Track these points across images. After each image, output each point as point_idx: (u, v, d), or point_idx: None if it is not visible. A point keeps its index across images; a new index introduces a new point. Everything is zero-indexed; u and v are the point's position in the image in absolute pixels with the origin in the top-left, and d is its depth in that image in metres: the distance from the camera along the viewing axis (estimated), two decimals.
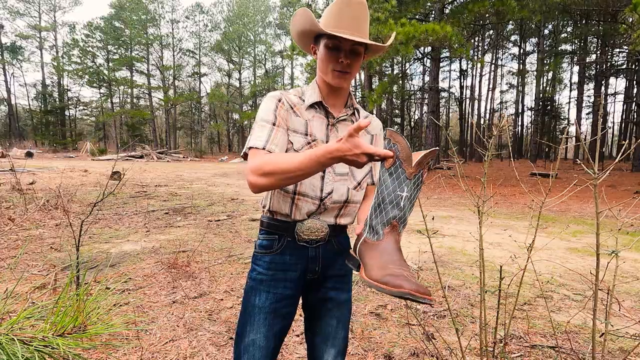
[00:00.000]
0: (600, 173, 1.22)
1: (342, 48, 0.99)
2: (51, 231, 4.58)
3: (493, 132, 1.50)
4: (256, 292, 1.07)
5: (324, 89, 1.08)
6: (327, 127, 1.07)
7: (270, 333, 1.06)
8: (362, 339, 2.22)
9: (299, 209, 1.04)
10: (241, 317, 1.09)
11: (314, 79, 1.13)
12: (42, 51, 39.95)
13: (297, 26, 1.04)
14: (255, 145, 0.96)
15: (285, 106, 1.04)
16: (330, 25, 0.98)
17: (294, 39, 1.12)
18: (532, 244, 1.40)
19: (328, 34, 0.98)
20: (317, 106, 1.07)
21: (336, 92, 1.08)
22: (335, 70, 1.01)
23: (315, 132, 1.05)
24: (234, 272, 3.33)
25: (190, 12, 44.14)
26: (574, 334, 2.34)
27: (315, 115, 1.07)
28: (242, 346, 1.06)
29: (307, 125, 1.05)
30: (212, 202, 7.47)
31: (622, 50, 23.23)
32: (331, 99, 1.09)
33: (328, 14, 1.00)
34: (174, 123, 43.48)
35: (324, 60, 1.02)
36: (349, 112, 1.10)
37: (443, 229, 5.55)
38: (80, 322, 0.58)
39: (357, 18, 0.98)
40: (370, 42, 1.00)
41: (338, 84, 1.02)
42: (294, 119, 1.04)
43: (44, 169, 13.45)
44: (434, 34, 11.13)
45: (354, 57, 1.01)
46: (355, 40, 0.97)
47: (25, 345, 0.52)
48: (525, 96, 36.37)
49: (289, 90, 1.12)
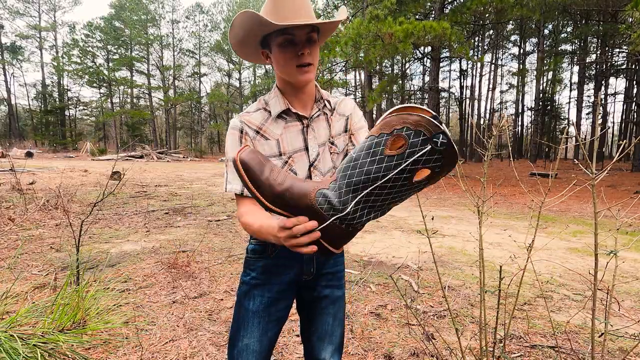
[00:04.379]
0: (598, 173, 1.22)
1: (297, 41, 0.91)
2: (51, 231, 4.58)
3: (493, 132, 1.50)
4: (250, 297, 1.07)
5: (288, 92, 1.02)
6: (303, 130, 1.03)
7: (265, 337, 1.06)
8: (362, 339, 2.22)
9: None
10: (234, 322, 1.09)
11: (274, 84, 1.05)
12: (42, 51, 39.97)
13: (240, 33, 0.94)
14: (232, 190, 1.00)
15: (249, 136, 0.99)
16: (276, 20, 0.88)
17: (236, 51, 1.02)
18: (532, 244, 1.40)
19: (278, 29, 0.89)
20: (286, 114, 1.02)
21: (302, 90, 1.01)
22: (298, 66, 0.93)
23: (288, 147, 1.01)
24: (234, 272, 3.34)
25: (190, 12, 44.17)
26: (574, 334, 2.34)
27: (287, 125, 1.02)
28: (235, 351, 1.06)
29: (280, 144, 1.00)
30: (212, 202, 7.47)
31: (622, 50, 23.22)
32: (298, 99, 1.02)
33: (266, 11, 0.91)
34: (174, 123, 43.49)
35: (282, 60, 0.93)
36: (321, 106, 1.06)
37: (443, 229, 5.55)
38: (79, 319, 0.59)
39: (299, 3, 0.89)
40: (324, 22, 0.92)
41: (306, 79, 0.95)
42: (263, 144, 1.00)
43: (44, 169, 13.45)
44: (432, 31, 11.12)
45: (312, 45, 0.93)
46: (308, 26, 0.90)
47: (24, 342, 0.52)
48: (525, 96, 36.41)
49: (250, 107, 1.04)
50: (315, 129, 1.04)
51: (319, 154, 1.04)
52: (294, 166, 1.02)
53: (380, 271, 3.48)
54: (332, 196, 0.70)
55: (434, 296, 2.90)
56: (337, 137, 1.08)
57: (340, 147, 1.08)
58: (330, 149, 1.06)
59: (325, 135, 1.06)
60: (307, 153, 1.03)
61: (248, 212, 0.95)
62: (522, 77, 30.45)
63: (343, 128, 1.09)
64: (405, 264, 3.70)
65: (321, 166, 1.04)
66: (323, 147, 1.05)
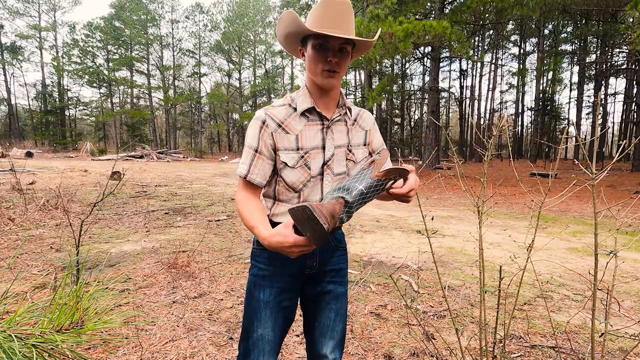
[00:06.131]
0: (598, 173, 1.22)
1: (329, 47, 1.00)
2: (51, 231, 4.58)
3: (493, 132, 1.50)
4: (260, 288, 1.11)
5: (314, 92, 1.09)
6: (323, 130, 1.09)
7: (277, 326, 1.11)
8: (362, 339, 2.22)
9: None
10: (246, 314, 1.13)
11: (304, 83, 1.14)
12: (42, 51, 39.91)
13: (283, 29, 1.05)
14: (239, 173, 1.07)
15: (270, 128, 1.05)
16: (316, 25, 0.99)
17: (281, 43, 1.12)
18: (532, 244, 1.40)
19: (315, 34, 0.99)
20: (309, 112, 1.09)
21: (327, 93, 1.09)
22: (325, 70, 1.02)
23: (307, 144, 1.07)
24: (234, 272, 3.33)
25: (190, 12, 44.10)
26: (574, 334, 2.34)
27: (308, 123, 1.08)
28: (250, 342, 1.10)
29: (299, 140, 1.06)
30: (212, 202, 7.47)
31: (622, 50, 23.22)
32: (323, 101, 1.10)
33: (312, 16, 1.01)
34: (174, 123, 43.48)
35: (313, 61, 1.02)
36: (342, 112, 1.13)
37: (443, 229, 5.55)
38: (78, 318, 0.58)
39: (342, 17, 1.00)
40: (357, 38, 1.02)
41: (329, 83, 1.03)
42: (283, 137, 1.05)
43: (44, 169, 13.45)
44: (432, 30, 11.13)
45: (342, 56, 1.03)
46: (342, 38, 0.99)
47: (23, 342, 0.52)
48: (525, 96, 36.36)
49: (275, 102, 1.12)
50: (334, 131, 1.11)
51: (334, 154, 1.11)
52: (310, 162, 1.08)
53: (380, 271, 3.48)
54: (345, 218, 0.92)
55: (434, 296, 2.90)
56: (356, 148, 1.17)
57: (359, 158, 1.17)
58: (348, 156, 1.14)
59: (342, 140, 1.13)
60: (323, 152, 1.09)
61: (244, 201, 1.06)
62: (522, 77, 30.46)
63: (362, 141, 1.19)
64: (405, 264, 3.70)
65: (334, 166, 1.11)
66: (339, 150, 1.12)
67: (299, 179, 1.07)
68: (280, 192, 1.10)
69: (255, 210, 1.03)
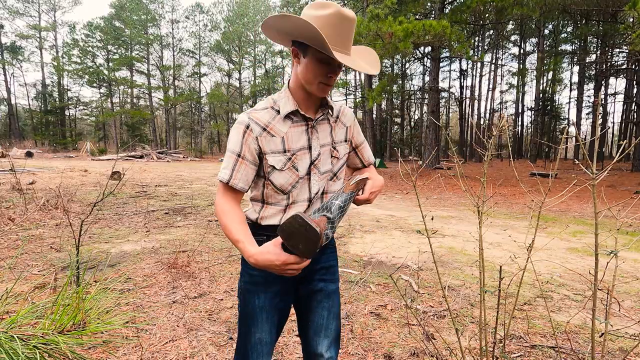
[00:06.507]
0: (599, 173, 1.22)
1: (333, 64, 1.00)
2: (51, 231, 4.58)
3: (493, 132, 1.50)
4: (254, 294, 1.12)
5: (299, 95, 1.08)
6: (307, 130, 1.10)
7: (273, 328, 1.13)
8: (362, 339, 2.22)
9: (288, 214, 1.10)
10: (243, 319, 1.14)
11: (285, 85, 1.12)
12: (42, 51, 39.91)
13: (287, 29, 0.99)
14: (221, 178, 1.06)
15: (255, 132, 1.04)
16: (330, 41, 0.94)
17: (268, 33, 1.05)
18: (532, 244, 1.40)
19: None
20: (294, 114, 1.08)
21: (312, 96, 1.09)
22: (321, 83, 1.02)
23: (293, 145, 1.07)
24: (234, 272, 3.34)
25: (190, 12, 44.08)
26: (574, 334, 2.34)
27: (293, 124, 1.08)
28: (249, 346, 1.11)
29: (285, 142, 1.07)
30: (212, 202, 7.47)
31: (622, 50, 23.21)
32: (306, 103, 1.09)
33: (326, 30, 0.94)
34: (174, 123, 43.48)
35: (312, 72, 1.00)
36: (325, 111, 1.13)
37: (443, 229, 5.55)
38: (80, 320, 0.59)
39: (350, 35, 1.00)
40: (376, 73, 1.08)
41: (322, 94, 1.05)
42: (269, 140, 1.05)
43: (44, 168, 13.45)
44: (432, 30, 11.13)
45: (339, 71, 1.04)
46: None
47: (25, 343, 0.52)
48: (525, 96, 36.35)
49: (258, 105, 1.10)
50: (319, 130, 1.12)
51: (320, 154, 1.12)
52: (297, 163, 1.08)
53: (380, 271, 3.48)
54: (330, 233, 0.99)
55: (434, 296, 2.90)
56: (339, 144, 1.18)
57: (342, 153, 1.19)
58: (332, 153, 1.16)
59: (327, 138, 1.15)
60: (309, 152, 1.10)
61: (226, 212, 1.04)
62: (522, 77, 30.46)
63: (344, 137, 1.21)
64: (405, 264, 3.70)
65: (320, 165, 1.12)
66: (324, 148, 1.13)
67: (287, 181, 1.07)
68: (268, 195, 1.10)
69: (238, 222, 1.01)
